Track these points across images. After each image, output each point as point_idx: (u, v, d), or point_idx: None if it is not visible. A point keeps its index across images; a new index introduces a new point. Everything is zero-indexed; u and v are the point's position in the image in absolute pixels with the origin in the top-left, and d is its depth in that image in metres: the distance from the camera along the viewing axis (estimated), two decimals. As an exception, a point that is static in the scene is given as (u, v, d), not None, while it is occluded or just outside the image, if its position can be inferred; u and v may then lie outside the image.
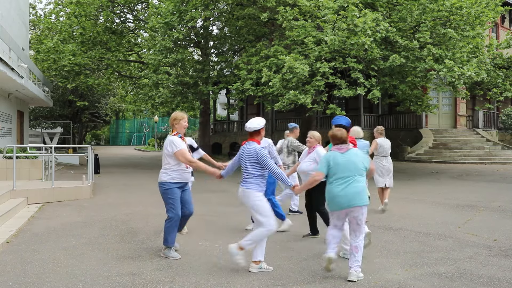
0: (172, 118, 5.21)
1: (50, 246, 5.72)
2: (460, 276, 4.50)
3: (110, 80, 25.82)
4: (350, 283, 4.31)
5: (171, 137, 5.14)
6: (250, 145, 4.75)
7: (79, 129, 40.01)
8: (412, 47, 12.34)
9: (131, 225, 7.03)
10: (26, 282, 4.35)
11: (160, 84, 17.26)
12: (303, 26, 12.82)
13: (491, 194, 10.20)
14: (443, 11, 12.54)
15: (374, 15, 12.01)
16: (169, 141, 5.12)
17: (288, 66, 12.10)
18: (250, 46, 16.38)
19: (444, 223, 7.10)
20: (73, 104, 33.27)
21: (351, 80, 13.43)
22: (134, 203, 9.21)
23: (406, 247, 5.63)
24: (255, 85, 14.34)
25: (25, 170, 11.57)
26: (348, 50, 12.19)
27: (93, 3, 20.77)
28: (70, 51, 19.89)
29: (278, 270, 4.69)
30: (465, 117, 22.49)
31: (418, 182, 12.68)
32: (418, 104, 15.36)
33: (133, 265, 4.89)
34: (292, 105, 13.04)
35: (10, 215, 7.37)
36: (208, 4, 16.36)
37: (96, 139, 53.58)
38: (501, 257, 5.19)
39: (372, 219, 7.34)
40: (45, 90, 22.83)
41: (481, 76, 12.78)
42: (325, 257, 4.47)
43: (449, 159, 18.69)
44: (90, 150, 12.06)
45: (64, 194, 9.48)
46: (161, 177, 5.20)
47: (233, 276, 4.53)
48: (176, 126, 5.20)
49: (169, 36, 16.23)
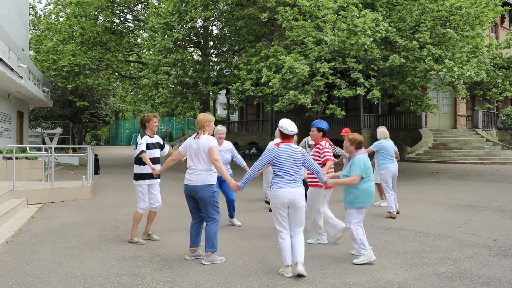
0: (205, 120, 5.16)
1: (50, 246, 5.72)
2: (460, 276, 4.50)
3: (110, 81, 25.82)
4: (351, 282, 4.31)
5: (208, 136, 5.10)
6: (293, 146, 4.75)
7: (79, 129, 40.00)
8: (411, 47, 12.34)
9: (131, 225, 7.01)
10: (26, 282, 4.34)
11: (160, 84, 17.26)
12: (303, 26, 12.82)
13: (491, 194, 10.21)
14: (442, 11, 12.54)
15: (374, 15, 12.01)
16: (210, 140, 5.04)
17: (288, 66, 12.10)
18: (250, 46, 16.38)
19: (444, 223, 7.10)
20: (73, 104, 33.27)
21: (351, 80, 13.43)
22: (134, 204, 9.14)
23: (406, 247, 5.63)
24: (255, 85, 14.34)
25: (25, 171, 11.57)
26: (348, 50, 12.19)
27: (92, 3, 20.77)
28: (70, 51, 19.89)
29: (278, 270, 4.69)
30: (465, 117, 22.49)
31: (418, 182, 12.68)
32: (418, 104, 15.36)
33: (133, 265, 4.89)
34: (292, 105, 13.04)
35: (10, 216, 7.37)
36: (208, 4, 16.36)
37: (96, 140, 53.58)
38: (501, 257, 5.19)
39: (372, 219, 7.35)
40: (45, 91, 22.84)
41: (480, 76, 12.78)
42: (370, 259, 4.95)
43: (449, 159, 18.70)
44: (90, 150, 12.06)
45: (64, 195, 9.48)
46: (208, 179, 5.02)
47: (233, 276, 4.53)
48: (207, 128, 5.17)
49: (169, 36, 16.23)
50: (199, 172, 5.02)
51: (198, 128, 5.20)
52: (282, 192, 4.59)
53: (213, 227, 5.02)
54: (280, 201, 4.60)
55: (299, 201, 4.61)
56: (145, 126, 6.04)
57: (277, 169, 4.69)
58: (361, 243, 4.98)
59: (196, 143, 5.09)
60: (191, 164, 5.10)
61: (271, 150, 4.74)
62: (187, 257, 5.15)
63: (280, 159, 4.67)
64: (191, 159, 5.11)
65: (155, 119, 6.03)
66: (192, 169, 5.07)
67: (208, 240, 4.99)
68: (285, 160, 4.66)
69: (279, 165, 4.67)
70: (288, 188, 4.59)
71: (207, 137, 5.09)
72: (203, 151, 5.03)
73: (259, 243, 5.87)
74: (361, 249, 4.98)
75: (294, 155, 4.69)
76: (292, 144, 4.78)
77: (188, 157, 5.18)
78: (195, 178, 5.02)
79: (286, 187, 4.60)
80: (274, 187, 4.67)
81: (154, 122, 6.02)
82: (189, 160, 5.15)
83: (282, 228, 4.66)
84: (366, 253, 4.96)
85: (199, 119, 5.20)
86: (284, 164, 4.66)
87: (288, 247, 4.61)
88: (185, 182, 5.14)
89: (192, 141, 5.16)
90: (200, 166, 5.02)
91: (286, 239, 4.64)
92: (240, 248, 5.62)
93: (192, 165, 5.09)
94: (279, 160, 4.68)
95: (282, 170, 4.65)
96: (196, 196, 5.04)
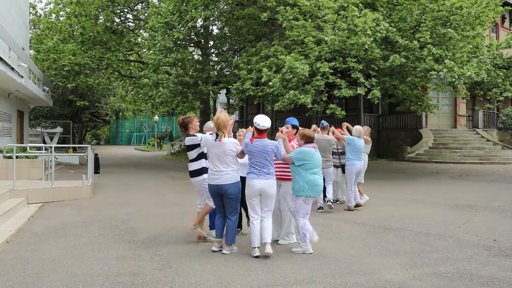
0: (226, 120, 5.25)
1: (50, 245, 5.72)
2: (460, 276, 4.50)
3: (110, 80, 25.85)
4: (351, 282, 4.32)
5: (232, 139, 5.34)
6: (265, 141, 5.24)
7: (79, 128, 40.03)
8: (412, 47, 12.34)
9: (131, 224, 7.02)
10: (26, 281, 4.34)
11: (160, 84, 17.27)
12: (303, 26, 12.82)
13: (491, 194, 10.20)
14: (443, 11, 12.54)
15: (374, 15, 12.01)
16: (233, 141, 5.28)
17: (288, 66, 12.10)
18: (250, 46, 16.38)
19: (444, 223, 7.10)
20: (73, 103, 33.28)
21: (351, 80, 13.43)
22: (134, 203, 9.21)
23: (406, 247, 5.63)
24: (255, 85, 14.34)
25: (25, 170, 11.57)
26: (348, 50, 12.19)
27: (93, 2, 20.78)
28: (70, 50, 19.89)
29: (278, 270, 4.69)
30: (465, 117, 22.49)
31: (418, 182, 12.68)
32: (418, 104, 15.36)
33: (133, 265, 4.89)
34: (292, 105, 13.04)
35: (10, 215, 7.37)
36: (208, 4, 16.36)
37: (96, 139, 53.61)
38: (501, 257, 5.18)
39: (372, 219, 7.35)
40: (45, 90, 22.83)
41: (481, 76, 12.78)
42: (307, 252, 5.33)
43: (449, 159, 18.69)
44: (90, 149, 12.06)
45: (64, 194, 9.48)
46: (236, 177, 5.29)
47: (233, 276, 4.53)
48: (228, 129, 5.32)
49: (169, 36, 16.24)
50: (227, 172, 5.26)
51: (218, 129, 5.23)
52: (254, 182, 5.19)
53: (235, 220, 5.38)
54: (253, 190, 5.20)
55: (269, 191, 5.20)
56: (187, 127, 5.86)
57: (251, 162, 5.28)
58: (303, 236, 5.37)
59: (219, 147, 5.25)
60: (216, 167, 5.28)
61: (246, 145, 5.29)
62: (214, 248, 5.40)
63: (252, 154, 5.22)
64: (214, 162, 5.29)
65: (196, 119, 5.94)
66: (218, 171, 5.26)
67: (231, 233, 5.33)
68: (258, 154, 5.20)
69: (253, 158, 5.25)
70: (259, 179, 5.18)
71: (230, 140, 5.28)
72: (228, 154, 5.25)
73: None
74: (301, 241, 5.38)
75: (266, 150, 5.20)
76: (265, 139, 5.27)
77: (211, 159, 5.36)
78: (224, 177, 5.25)
79: (258, 178, 5.19)
80: (248, 177, 5.26)
81: (196, 122, 5.92)
82: (212, 162, 5.32)
83: (254, 213, 5.27)
84: (304, 247, 5.37)
85: (221, 119, 5.21)
86: (258, 158, 5.20)
87: (257, 231, 5.17)
88: (211, 182, 5.33)
89: (212, 143, 5.29)
90: (226, 168, 5.25)
91: (255, 224, 5.21)
92: (240, 247, 5.62)
93: (216, 167, 5.27)
94: (252, 154, 5.23)
95: (255, 163, 5.24)
96: (225, 193, 5.29)
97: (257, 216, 5.25)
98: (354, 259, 5.08)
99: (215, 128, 5.28)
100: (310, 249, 5.35)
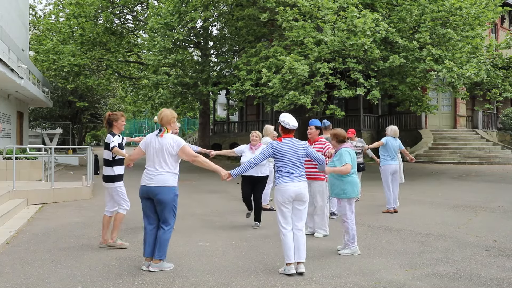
0: (172, 116, 4.76)
1: (50, 246, 5.71)
2: (460, 277, 4.50)
3: (110, 81, 25.83)
4: (351, 282, 4.31)
5: (173, 135, 4.73)
6: (295, 141, 4.80)
7: (78, 129, 39.99)
8: (411, 48, 12.35)
9: (131, 225, 7.02)
10: (25, 282, 4.34)
11: (159, 85, 17.27)
12: (303, 27, 12.83)
13: (491, 195, 10.20)
14: (442, 11, 12.55)
15: (374, 16, 12.02)
16: (173, 139, 4.67)
17: (287, 67, 12.11)
18: (250, 47, 16.39)
19: (444, 223, 7.10)
20: (73, 104, 33.25)
21: (351, 80, 13.43)
22: (134, 203, 9.18)
23: (406, 248, 5.63)
24: (255, 85, 14.35)
25: (24, 171, 11.57)
26: (347, 50, 12.20)
27: (92, 4, 20.79)
28: (70, 51, 19.90)
29: (278, 270, 4.69)
30: (464, 118, 22.49)
31: (418, 183, 12.68)
32: (418, 105, 15.35)
33: (133, 266, 4.88)
34: (292, 105, 13.05)
35: (9, 216, 7.36)
36: (208, 5, 16.36)
37: (96, 140, 53.58)
38: (501, 257, 5.18)
39: (372, 220, 7.34)
40: (45, 91, 22.84)
41: (480, 77, 12.79)
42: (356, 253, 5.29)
43: (449, 159, 18.70)
44: (90, 150, 12.04)
45: (63, 195, 9.48)
46: (168, 181, 4.62)
47: (233, 276, 4.53)
48: (173, 126, 4.79)
49: (169, 37, 16.24)
50: (160, 173, 4.61)
51: (162, 125, 4.71)
52: (287, 186, 4.62)
53: (167, 233, 4.68)
54: (287, 196, 4.62)
55: (305, 194, 4.69)
56: (111, 124, 5.64)
57: (280, 164, 4.71)
58: (353, 237, 5.30)
59: (158, 142, 4.66)
60: (152, 164, 4.67)
61: (274, 145, 4.72)
62: (144, 268, 4.70)
63: (283, 154, 4.68)
64: (152, 158, 4.67)
65: (123, 118, 5.70)
66: (152, 171, 4.65)
67: (160, 247, 4.64)
68: (289, 155, 4.68)
69: (283, 160, 4.69)
70: (294, 182, 4.64)
71: (171, 136, 4.69)
72: (166, 151, 4.63)
73: (259, 243, 5.86)
74: (350, 243, 5.31)
75: (297, 150, 4.73)
76: (294, 139, 4.80)
77: (148, 156, 4.73)
78: (156, 179, 4.60)
79: (292, 181, 4.64)
80: (279, 181, 4.67)
81: (122, 121, 5.69)
82: (149, 159, 4.71)
83: (286, 224, 4.65)
84: (353, 247, 5.30)
85: (165, 114, 4.71)
86: (289, 159, 4.68)
87: (291, 244, 4.59)
88: (143, 182, 4.68)
89: (153, 138, 4.71)
90: (162, 167, 4.62)
91: (288, 236, 4.61)
92: (240, 248, 5.62)
93: (152, 165, 4.67)
94: (282, 155, 4.68)
95: (286, 165, 4.68)
96: (155, 198, 4.61)
97: (289, 227, 4.64)
98: (354, 260, 5.08)
99: (160, 123, 4.75)
100: (358, 250, 5.30)
